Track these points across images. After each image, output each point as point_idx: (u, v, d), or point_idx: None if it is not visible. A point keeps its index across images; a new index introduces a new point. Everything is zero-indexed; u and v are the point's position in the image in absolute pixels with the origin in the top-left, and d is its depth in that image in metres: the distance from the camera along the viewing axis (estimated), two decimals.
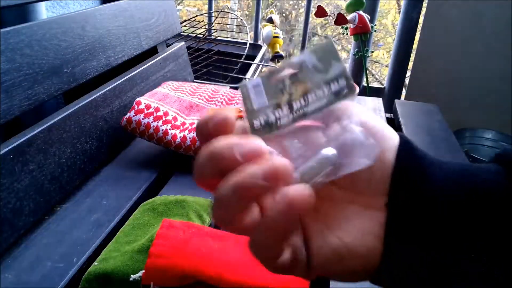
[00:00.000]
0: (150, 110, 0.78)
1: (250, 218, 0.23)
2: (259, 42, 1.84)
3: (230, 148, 0.22)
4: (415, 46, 1.79)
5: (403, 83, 1.92)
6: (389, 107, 1.20)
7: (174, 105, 0.83)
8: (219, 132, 0.24)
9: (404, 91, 1.98)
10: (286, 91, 0.26)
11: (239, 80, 1.32)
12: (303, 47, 2.05)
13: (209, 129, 0.24)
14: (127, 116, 0.77)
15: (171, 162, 0.80)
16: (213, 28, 1.76)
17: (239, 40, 1.80)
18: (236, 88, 1.10)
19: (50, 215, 0.63)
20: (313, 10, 1.80)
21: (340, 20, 1.58)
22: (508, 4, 1.55)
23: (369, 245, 0.26)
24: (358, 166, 0.25)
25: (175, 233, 0.54)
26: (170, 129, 0.77)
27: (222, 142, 0.23)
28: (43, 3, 1.02)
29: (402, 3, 1.83)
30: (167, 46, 1.16)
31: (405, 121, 1.03)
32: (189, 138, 0.76)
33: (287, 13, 3.73)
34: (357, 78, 1.91)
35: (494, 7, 1.57)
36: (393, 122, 1.09)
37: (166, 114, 0.79)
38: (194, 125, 0.79)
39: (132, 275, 0.49)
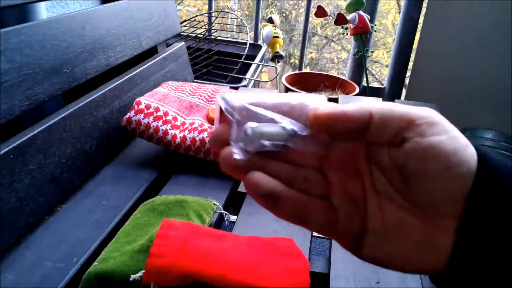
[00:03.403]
0: (150, 110, 0.78)
1: None
2: (259, 42, 1.84)
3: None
4: (415, 46, 1.79)
5: (403, 83, 1.92)
6: None
7: (174, 105, 0.83)
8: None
9: (404, 91, 1.98)
10: None
11: (239, 80, 1.32)
12: (303, 47, 2.05)
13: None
14: (127, 116, 0.77)
15: (171, 162, 0.80)
16: (213, 28, 1.76)
17: (239, 40, 1.79)
18: (236, 88, 1.10)
19: (50, 215, 0.63)
20: (313, 10, 1.79)
21: (340, 20, 1.58)
22: (508, 4, 1.55)
23: (425, 260, 0.26)
24: (306, 149, 0.27)
25: (175, 233, 0.54)
26: (170, 129, 0.77)
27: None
28: (43, 3, 1.02)
29: (402, 3, 1.83)
30: (167, 46, 1.16)
31: None
32: (189, 138, 0.76)
33: (287, 13, 3.73)
34: (357, 78, 1.91)
35: (494, 7, 1.57)
36: None
37: (166, 114, 0.79)
38: (194, 125, 0.79)
39: (132, 275, 0.49)
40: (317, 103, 0.28)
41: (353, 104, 0.27)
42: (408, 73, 1.89)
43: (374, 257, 0.28)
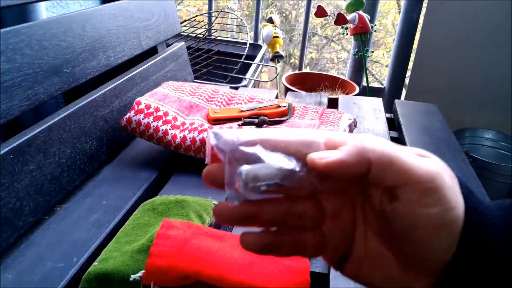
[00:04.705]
0: (150, 110, 0.78)
1: None
2: (259, 42, 1.84)
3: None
4: (415, 46, 1.79)
5: (403, 83, 1.92)
6: (389, 107, 1.20)
7: (174, 105, 0.83)
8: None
9: (404, 91, 1.98)
10: None
11: (239, 80, 1.32)
12: (303, 47, 2.05)
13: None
14: (127, 116, 0.77)
15: (171, 162, 0.80)
16: (213, 28, 1.76)
17: (239, 40, 1.79)
18: (236, 88, 1.10)
19: (50, 215, 0.63)
20: (313, 10, 1.80)
21: (340, 20, 1.58)
22: (508, 4, 1.55)
23: None
24: (303, 185, 0.26)
25: (175, 233, 0.54)
26: (170, 129, 0.77)
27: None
28: (43, 3, 1.02)
29: (402, 3, 1.83)
30: (167, 46, 1.16)
31: (405, 121, 1.03)
32: (189, 138, 0.76)
33: (287, 13, 3.73)
34: (357, 78, 1.91)
35: (494, 7, 1.57)
36: (393, 122, 1.09)
37: (166, 114, 0.79)
38: (194, 125, 0.79)
39: (132, 275, 0.49)
40: (319, 149, 0.26)
41: (354, 150, 0.26)
42: (408, 73, 1.89)
43: (354, 278, 0.29)
